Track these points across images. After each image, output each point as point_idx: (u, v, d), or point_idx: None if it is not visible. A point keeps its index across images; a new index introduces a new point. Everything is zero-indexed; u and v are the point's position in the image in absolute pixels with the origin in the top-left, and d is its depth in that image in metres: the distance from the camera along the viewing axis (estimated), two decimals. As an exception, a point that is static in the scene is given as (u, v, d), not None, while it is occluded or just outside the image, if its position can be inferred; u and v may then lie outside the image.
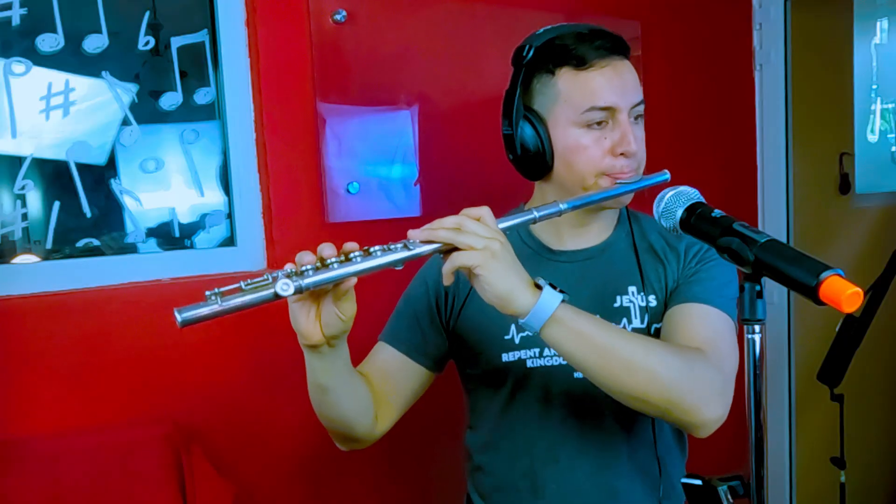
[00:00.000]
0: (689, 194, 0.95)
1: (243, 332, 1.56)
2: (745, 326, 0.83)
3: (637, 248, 1.17)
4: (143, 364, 1.49)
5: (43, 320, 1.42)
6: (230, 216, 1.66)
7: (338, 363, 1.02)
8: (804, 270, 0.77)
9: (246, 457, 1.60)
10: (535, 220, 1.01)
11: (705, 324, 1.07)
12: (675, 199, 0.94)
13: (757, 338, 0.83)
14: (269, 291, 0.85)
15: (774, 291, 2.34)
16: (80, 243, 1.53)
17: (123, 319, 1.48)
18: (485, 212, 0.96)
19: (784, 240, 1.76)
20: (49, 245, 1.50)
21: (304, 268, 0.87)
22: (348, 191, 1.69)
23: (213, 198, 1.65)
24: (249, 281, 0.86)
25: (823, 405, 2.31)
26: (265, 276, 0.86)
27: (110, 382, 1.47)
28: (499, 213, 1.11)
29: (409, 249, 0.92)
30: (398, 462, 1.77)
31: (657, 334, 1.13)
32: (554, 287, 0.95)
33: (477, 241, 0.92)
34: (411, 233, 0.94)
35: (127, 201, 1.57)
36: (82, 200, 1.52)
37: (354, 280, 0.91)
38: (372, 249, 0.90)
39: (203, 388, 1.55)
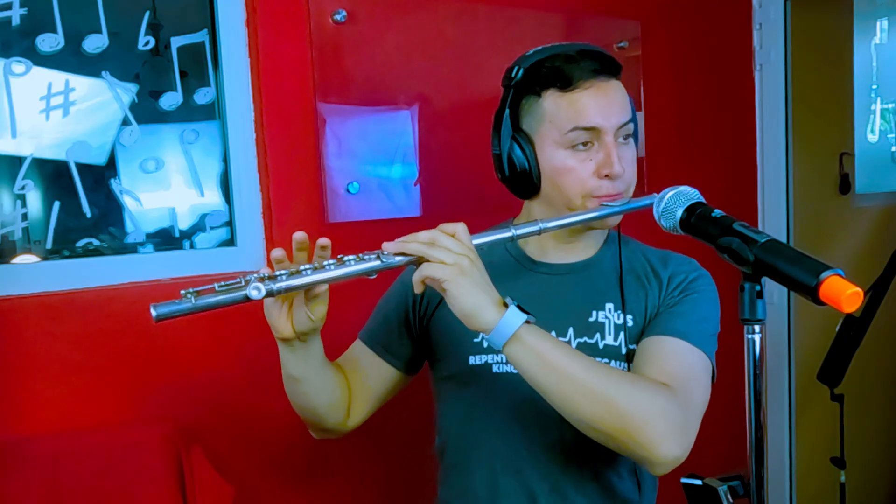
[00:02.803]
0: (689, 194, 0.95)
1: (244, 332, 1.56)
2: (745, 326, 0.83)
3: (622, 267, 1.17)
4: (144, 364, 1.49)
5: (43, 320, 1.42)
6: (230, 216, 1.66)
7: (309, 358, 1.06)
8: (804, 270, 0.77)
9: (246, 457, 1.60)
10: (512, 239, 1.03)
11: (678, 359, 1.05)
12: (675, 199, 0.94)
13: (757, 338, 0.83)
14: (241, 293, 0.89)
15: (774, 291, 2.34)
16: (80, 243, 1.53)
17: (124, 319, 1.48)
18: (459, 228, 0.98)
19: (784, 240, 1.76)
20: (49, 245, 1.50)
21: (277, 273, 0.92)
22: (348, 191, 1.69)
23: (213, 198, 1.65)
24: (224, 282, 0.90)
25: (823, 405, 2.31)
26: (238, 279, 0.90)
27: (111, 382, 1.47)
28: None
29: (382, 260, 0.95)
30: (399, 462, 1.77)
31: (631, 355, 1.12)
32: (522, 308, 0.96)
33: (447, 256, 0.94)
34: (385, 245, 0.97)
35: (127, 201, 1.57)
36: (82, 200, 1.52)
37: (325, 287, 0.96)
38: (346, 258, 0.94)
39: (203, 388, 1.55)
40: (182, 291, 0.89)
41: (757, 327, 0.82)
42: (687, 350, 1.06)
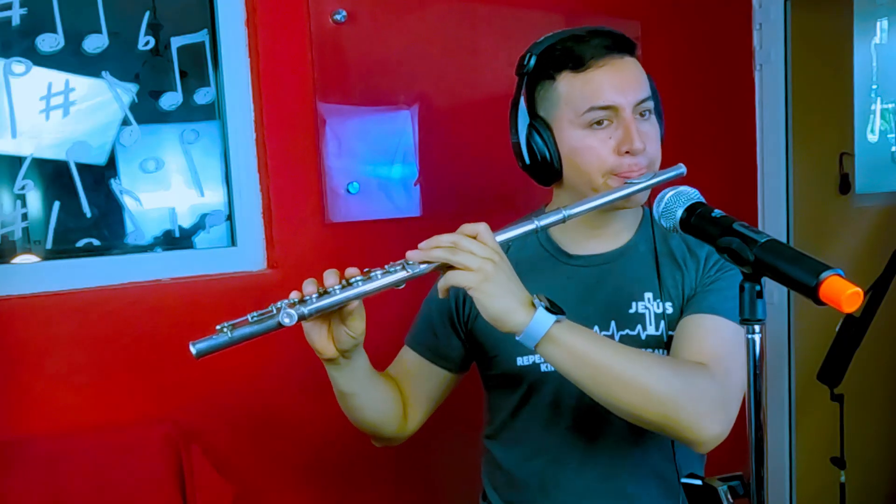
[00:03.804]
0: (689, 194, 0.95)
1: (243, 332, 1.56)
2: (745, 326, 0.83)
3: (657, 252, 1.16)
4: (143, 364, 1.49)
5: (43, 320, 1.42)
6: (230, 216, 1.66)
7: (356, 372, 1.08)
8: (804, 270, 0.77)
9: (246, 457, 1.60)
10: (536, 230, 1.01)
11: (716, 337, 1.05)
12: (675, 199, 0.94)
13: (757, 338, 0.82)
14: (274, 321, 0.93)
15: (774, 291, 2.34)
16: (80, 243, 1.53)
17: (123, 319, 1.48)
18: (482, 228, 0.97)
19: (784, 240, 1.76)
20: (49, 245, 1.50)
21: (306, 297, 0.94)
22: (348, 191, 1.69)
23: (213, 198, 1.65)
24: (255, 313, 0.94)
25: (823, 405, 2.31)
26: (270, 308, 0.94)
27: (110, 382, 1.47)
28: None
29: (407, 271, 0.96)
30: (398, 461, 1.77)
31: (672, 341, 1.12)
32: (550, 307, 0.95)
33: (472, 261, 0.93)
34: (409, 254, 0.96)
35: (127, 201, 1.57)
36: (82, 200, 1.52)
37: (357, 302, 0.97)
38: (372, 273, 0.96)
39: (203, 388, 1.55)
40: (217, 326, 0.93)
41: (757, 327, 0.82)
42: (724, 326, 1.06)
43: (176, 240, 1.62)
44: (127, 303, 1.49)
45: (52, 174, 1.50)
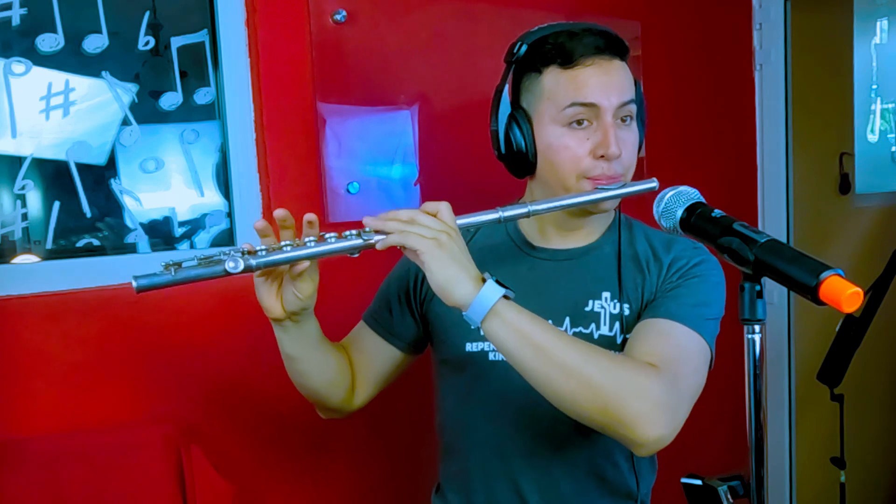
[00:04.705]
0: (690, 194, 0.95)
1: (244, 331, 1.56)
2: (745, 326, 0.83)
3: (621, 255, 1.15)
4: (143, 364, 1.49)
5: (43, 320, 1.42)
6: (230, 216, 1.66)
7: (303, 337, 1.07)
8: (804, 270, 0.77)
9: (246, 457, 1.60)
10: (499, 220, 1.01)
11: (669, 341, 1.03)
12: (675, 199, 0.94)
13: (757, 338, 0.82)
14: (220, 267, 0.90)
15: (774, 291, 2.34)
16: (80, 243, 1.53)
17: (123, 319, 1.48)
18: (442, 206, 0.98)
19: (784, 240, 1.76)
20: (49, 245, 1.50)
21: (257, 248, 0.92)
22: (348, 191, 1.69)
23: (213, 198, 1.65)
24: (203, 255, 0.91)
25: (823, 405, 2.31)
26: (219, 253, 0.91)
27: (110, 382, 1.47)
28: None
29: (363, 239, 0.95)
30: (400, 460, 1.77)
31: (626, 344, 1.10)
32: (500, 283, 0.94)
33: (426, 232, 0.94)
34: (366, 220, 0.97)
35: (127, 201, 1.57)
36: (82, 200, 1.52)
37: (307, 263, 0.95)
38: (327, 236, 0.95)
39: (203, 388, 1.55)
40: (162, 263, 0.89)
41: (757, 327, 0.82)
42: (679, 331, 1.04)
43: (176, 240, 1.62)
44: (127, 303, 1.49)
45: (52, 174, 1.50)
